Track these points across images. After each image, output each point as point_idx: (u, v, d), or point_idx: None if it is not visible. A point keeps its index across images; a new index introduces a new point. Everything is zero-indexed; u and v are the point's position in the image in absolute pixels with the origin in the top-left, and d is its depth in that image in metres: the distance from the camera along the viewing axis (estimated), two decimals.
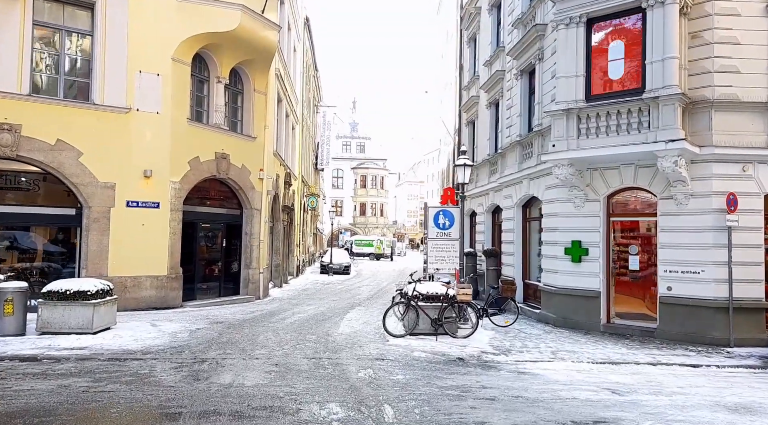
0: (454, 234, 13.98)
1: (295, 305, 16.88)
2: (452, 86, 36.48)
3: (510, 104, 16.53)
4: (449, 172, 37.43)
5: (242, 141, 17.57)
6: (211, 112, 16.69)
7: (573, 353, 9.79)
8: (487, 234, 19.65)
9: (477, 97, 20.86)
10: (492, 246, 18.74)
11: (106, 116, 14.13)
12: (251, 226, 17.95)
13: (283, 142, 23.82)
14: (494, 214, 19.60)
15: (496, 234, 19.29)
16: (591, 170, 12.37)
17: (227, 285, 17.54)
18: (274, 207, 22.51)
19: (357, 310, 15.95)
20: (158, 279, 14.73)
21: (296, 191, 29.52)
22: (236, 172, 17.15)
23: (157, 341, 10.20)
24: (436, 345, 10.17)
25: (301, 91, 30.54)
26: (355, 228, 71.64)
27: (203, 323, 12.46)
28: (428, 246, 14.09)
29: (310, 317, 14.11)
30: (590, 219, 12.42)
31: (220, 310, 14.98)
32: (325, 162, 44.61)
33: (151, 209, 14.73)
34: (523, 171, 15.09)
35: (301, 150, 30.97)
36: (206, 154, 16.05)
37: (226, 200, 17.59)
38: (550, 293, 13.16)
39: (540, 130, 13.96)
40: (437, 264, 13.90)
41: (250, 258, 17.86)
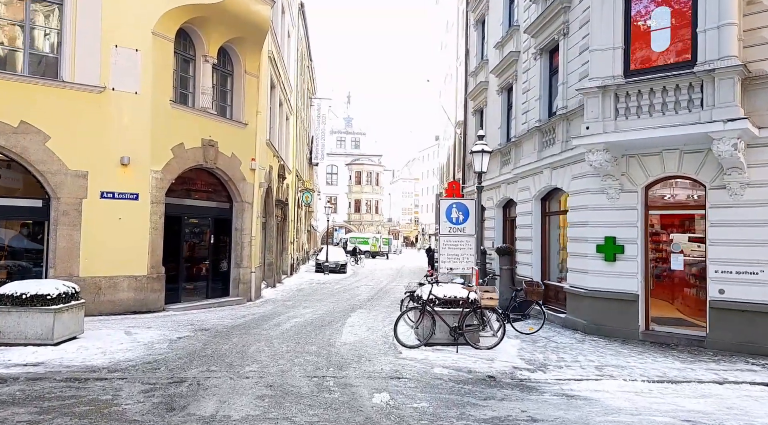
0: (469, 229, 12.50)
1: (291, 308, 15.34)
2: (453, 78, 34.99)
3: (527, 87, 15.05)
4: (450, 167, 35.98)
5: (232, 127, 15.99)
6: (197, 95, 15.09)
7: (620, 368, 8.33)
8: (498, 230, 18.19)
9: (486, 83, 19.37)
10: (504, 243, 17.27)
11: (78, 96, 12.52)
12: (242, 221, 16.37)
13: (276, 132, 22.24)
14: (505, 209, 18.14)
15: (507, 230, 17.83)
16: (627, 157, 10.90)
17: (216, 285, 15.96)
18: (267, 201, 20.94)
19: (359, 314, 14.44)
20: (137, 280, 13.15)
21: (290, 185, 27.94)
22: (225, 162, 15.56)
23: (129, 354, 8.63)
24: (458, 358, 8.67)
25: (295, 79, 28.95)
26: (349, 226, 70.08)
27: (186, 330, 10.89)
28: (439, 244, 12.60)
29: (308, 322, 12.58)
30: (626, 212, 10.96)
31: (207, 314, 13.42)
32: (320, 156, 43.02)
33: (129, 201, 13.14)
34: (543, 160, 13.62)
35: (295, 142, 29.39)
36: (192, 140, 14.46)
37: (214, 192, 16.00)
38: (578, 296, 11.70)
39: (565, 113, 12.48)
40: (450, 263, 12.41)
41: (240, 256, 16.30)
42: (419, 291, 10.13)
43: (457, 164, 32.93)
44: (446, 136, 37.95)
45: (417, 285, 12.45)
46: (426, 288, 9.76)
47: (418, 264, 45.14)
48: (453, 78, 34.93)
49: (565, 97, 12.61)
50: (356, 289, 22.08)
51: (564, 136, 12.57)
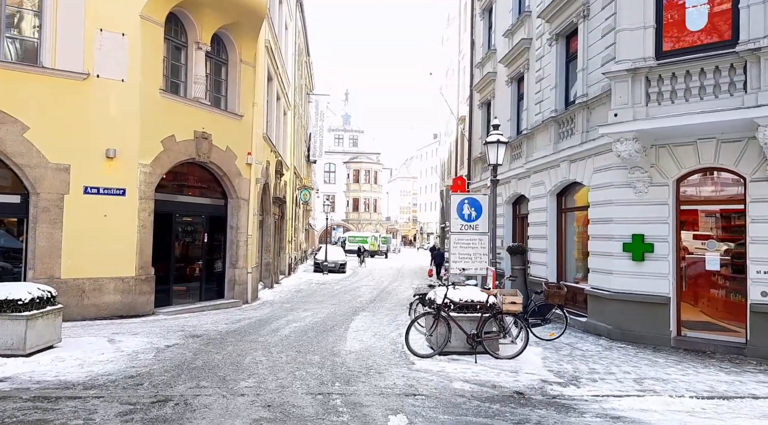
0: (482, 227, 11.61)
1: (290, 310, 14.41)
2: (454, 72, 34.11)
3: (540, 76, 14.14)
4: (451, 164, 35.09)
5: (227, 119, 15.04)
6: (189, 84, 14.14)
7: (662, 381, 7.43)
8: (507, 228, 17.30)
9: (494, 74, 18.46)
10: (513, 241, 16.37)
11: (59, 83, 11.58)
12: (237, 219, 15.43)
13: (274, 127, 21.30)
14: (515, 206, 17.25)
15: (517, 228, 16.94)
16: (657, 147, 10.01)
17: (210, 287, 15.01)
18: (264, 198, 20.00)
19: (362, 317, 13.52)
20: (124, 282, 12.20)
21: (288, 183, 27.00)
22: (219, 155, 14.62)
23: (109, 366, 7.70)
24: (479, 370, 7.76)
25: (293, 74, 27.99)
26: (347, 225, 69.13)
27: (176, 337, 9.95)
28: (450, 242, 11.70)
29: (309, 327, 11.66)
30: (655, 207, 10.06)
31: (200, 318, 12.48)
32: (318, 153, 42.07)
33: (116, 197, 12.19)
34: (560, 152, 12.71)
35: (293, 139, 28.44)
36: (183, 132, 13.51)
37: (208, 188, 15.05)
38: (601, 298, 10.80)
39: (585, 101, 11.58)
40: (462, 263, 11.51)
41: (236, 256, 15.36)
42: (432, 294, 9.22)
43: (459, 160, 32.04)
44: (447, 132, 37.07)
45: (427, 287, 11.55)
46: (440, 291, 8.84)
47: (419, 263, 44.26)
48: (455, 72, 34.03)
49: (586, 83, 11.70)
50: (357, 290, 21.16)
51: (584, 126, 11.66)
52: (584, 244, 12.92)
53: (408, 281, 26.31)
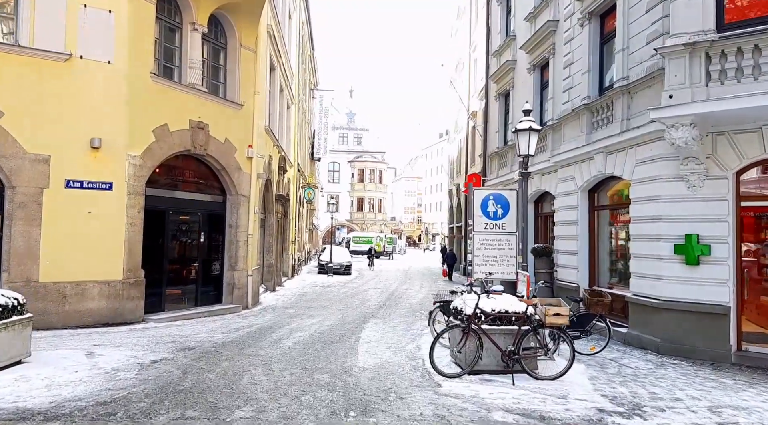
0: (510, 225, 10.39)
1: (293, 317, 13.19)
2: (465, 66, 32.87)
3: (569, 60, 12.89)
4: (461, 161, 33.83)
5: (225, 108, 13.83)
6: (184, 69, 12.93)
7: (743, 411, 6.18)
8: (529, 228, 15.99)
9: (513, 62, 17.22)
10: (535, 242, 15.11)
11: (38, 64, 10.41)
12: (237, 217, 14.22)
13: (276, 120, 20.09)
14: (537, 204, 15.99)
15: (540, 227, 15.68)
16: (714, 134, 8.75)
17: (206, 291, 13.80)
18: (266, 196, 18.80)
19: (373, 325, 12.29)
20: (110, 286, 11.00)
21: (292, 180, 25.81)
22: (217, 148, 13.41)
23: (81, 388, 6.47)
24: (520, 395, 6.51)
25: (296, 66, 26.80)
26: (352, 225, 67.95)
27: (165, 350, 8.74)
28: (473, 243, 10.46)
29: (315, 337, 10.43)
30: (713, 204, 8.81)
31: (195, 326, 11.26)
32: (322, 151, 40.87)
33: (101, 191, 11.00)
34: (594, 144, 11.45)
35: (296, 134, 27.24)
36: (177, 121, 12.31)
37: (204, 183, 13.84)
38: (647, 307, 9.53)
39: (626, 85, 10.32)
40: (487, 266, 10.28)
41: (235, 257, 14.14)
42: (458, 302, 7.98)
43: (470, 157, 30.81)
44: (457, 129, 35.82)
45: (449, 293, 10.31)
46: (469, 300, 7.59)
47: (426, 264, 43.04)
48: (465, 66, 32.79)
49: (626, 65, 10.45)
50: (365, 294, 19.92)
51: (624, 113, 10.40)
52: (619, 245, 11.69)
53: (417, 284, 25.07)
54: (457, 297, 9.60)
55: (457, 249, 35.03)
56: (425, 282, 26.25)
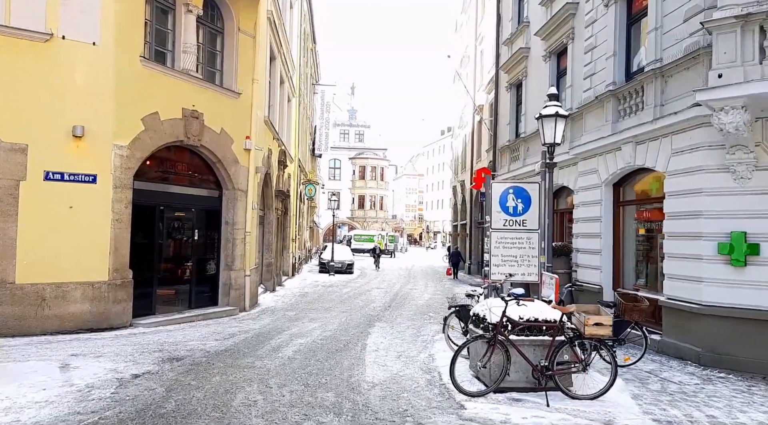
0: (531, 222, 9.45)
1: (294, 321, 12.27)
2: (470, 59, 31.95)
3: (592, 44, 11.95)
4: (466, 157, 32.91)
5: (222, 97, 12.90)
6: (177, 53, 12.01)
7: None
8: None
9: (526, 50, 16.28)
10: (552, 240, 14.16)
11: (16, 44, 9.50)
12: (234, 213, 13.29)
13: (276, 112, 19.16)
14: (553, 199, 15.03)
15: (556, 224, 14.74)
16: (764, 120, 7.83)
17: (201, 292, 12.88)
18: (266, 191, 17.88)
19: (380, 329, 11.38)
20: (94, 288, 10.09)
21: (292, 176, 24.90)
22: (213, 139, 12.49)
23: (45, 412, 5.56)
24: (559, 421, 5.60)
25: (297, 58, 25.86)
26: (353, 223, 67.02)
27: (151, 361, 7.82)
28: (490, 241, 9.53)
29: (317, 344, 9.52)
30: (763, 198, 7.88)
31: (187, 332, 10.35)
32: (324, 147, 39.92)
33: (84, 185, 10.08)
34: (622, 133, 10.52)
35: (297, 129, 26.31)
36: (169, 109, 11.39)
37: (199, 177, 12.92)
38: (685, 313, 8.60)
39: (660, 67, 9.39)
40: (506, 267, 9.34)
41: (232, 256, 13.23)
42: (480, 309, 7.06)
43: (476, 153, 29.89)
44: (462, 124, 34.89)
45: (465, 296, 9.38)
46: (495, 306, 6.66)
47: (429, 263, 42.15)
48: (471, 59, 31.86)
49: (659, 47, 9.51)
50: (368, 294, 19.01)
51: (657, 99, 9.47)
52: (647, 244, 10.77)
53: (422, 283, 24.16)
54: (476, 302, 8.71)
55: (462, 248, 34.15)
56: (430, 281, 25.34)
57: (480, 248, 29.26)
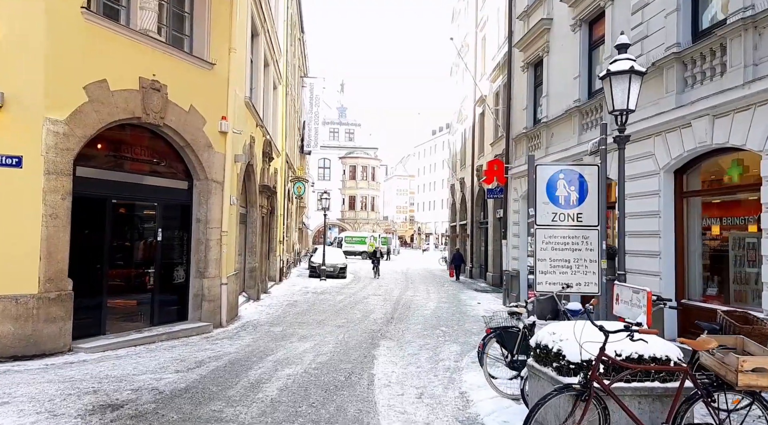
0: (589, 216, 7.30)
1: (280, 339, 10.01)
2: (470, 48, 29.82)
3: (644, 1, 9.80)
4: (466, 153, 30.79)
5: (191, 67, 10.61)
6: (133, 10, 9.71)
7: None
8: None
9: (548, 22, 14.14)
10: None
11: None
12: (207, 209, 11.01)
13: (260, 96, 16.89)
14: None
15: None
16: None
17: (166, 305, 10.57)
18: (248, 186, 15.61)
19: (387, 351, 9.17)
20: (19, 303, 7.76)
21: (279, 171, 22.61)
22: (180, 118, 10.20)
23: None
24: None
25: (284, 43, 23.57)
26: (343, 224, 64.68)
27: (74, 412, 5.53)
28: (534, 242, 7.34)
29: (310, 376, 7.27)
30: None
31: (141, 359, 8.04)
32: (313, 143, 37.64)
33: (5, 169, 7.76)
34: (693, 105, 8.36)
35: (284, 121, 24.00)
36: (122, 78, 9.09)
37: (163, 164, 10.63)
38: None
39: (752, 16, 7.26)
40: (556, 275, 7.17)
41: (205, 261, 10.93)
42: (546, 337, 4.83)
43: (477, 147, 27.78)
44: (461, 119, 32.77)
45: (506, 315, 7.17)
46: (590, 340, 4.41)
47: (425, 266, 40.03)
48: (470, 48, 29.74)
49: None
50: (366, 302, 16.76)
51: (748, 57, 7.34)
52: (719, 244, 8.65)
53: (423, 289, 21.95)
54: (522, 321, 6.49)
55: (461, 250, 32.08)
56: (431, 286, 23.14)
57: (483, 250, 27.18)
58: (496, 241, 24.03)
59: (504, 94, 22.42)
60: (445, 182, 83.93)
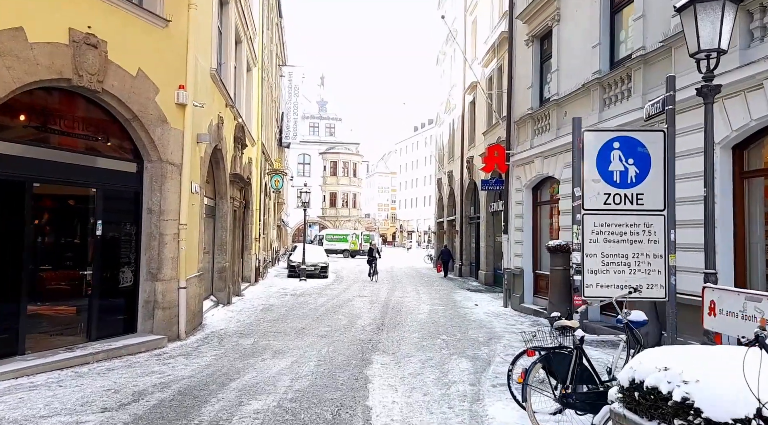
0: (652, 198, 5.57)
1: (250, 356, 8.13)
2: (460, 33, 28.12)
3: None
4: (455, 144, 29.12)
5: (139, 22, 8.64)
6: None
7: None
8: None
9: None
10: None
11: None
12: (161, 197, 9.06)
13: (231, 74, 14.94)
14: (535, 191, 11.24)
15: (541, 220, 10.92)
16: None
17: (108, 315, 8.58)
18: (217, 174, 13.70)
19: (381, 370, 7.37)
20: None
21: (255, 162, 20.63)
22: (124, 83, 8.24)
23: None
24: None
25: (259, 22, 21.57)
26: (324, 222, 62.65)
27: None
28: (581, 232, 5.58)
29: (285, 414, 5.44)
30: None
31: (59, 393, 6.10)
32: (292, 135, 35.58)
33: None
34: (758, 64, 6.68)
35: (261, 108, 21.97)
36: (47, 27, 7.12)
37: (104, 141, 8.66)
38: None
39: None
40: (609, 273, 5.45)
41: (158, 260, 8.98)
42: (668, 378, 3.06)
43: (467, 138, 26.12)
44: (449, 109, 31.06)
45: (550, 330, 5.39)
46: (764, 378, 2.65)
47: (410, 264, 38.32)
48: (460, 32, 28.01)
49: None
50: (351, 305, 14.92)
51: None
52: None
53: (411, 289, 20.18)
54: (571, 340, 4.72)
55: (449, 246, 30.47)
56: (420, 286, 21.38)
57: (474, 247, 25.52)
58: (489, 237, 22.38)
59: (498, 78, 20.81)
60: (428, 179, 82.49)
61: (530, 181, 13.75)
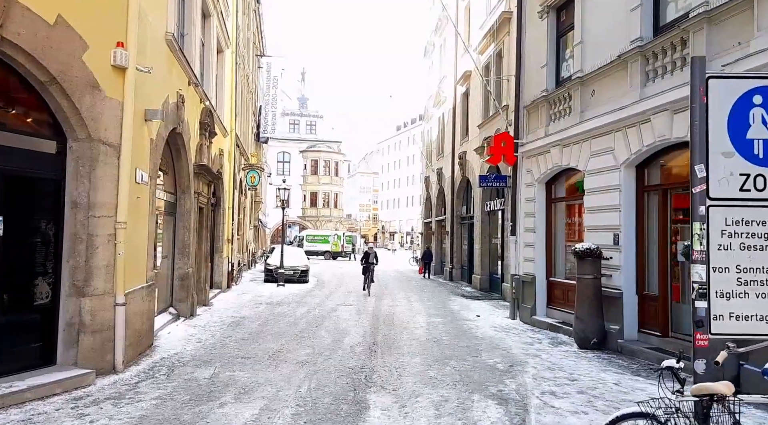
0: None
1: (205, 400, 6.05)
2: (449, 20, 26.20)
3: None
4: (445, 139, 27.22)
5: None
6: None
7: None
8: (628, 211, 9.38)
9: None
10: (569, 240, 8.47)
11: None
12: (91, 187, 6.91)
13: (196, 50, 12.81)
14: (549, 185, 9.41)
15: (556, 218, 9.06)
16: None
17: (17, 342, 6.42)
18: (177, 165, 11.59)
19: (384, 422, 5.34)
20: None
21: (227, 156, 18.45)
22: (37, 32, 6.10)
23: None
24: None
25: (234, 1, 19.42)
26: (304, 222, 60.38)
27: None
28: (707, 232, 3.62)
29: None
30: None
31: None
32: (270, 129, 33.33)
33: None
34: None
35: (234, 95, 19.76)
36: None
37: (11, 112, 6.50)
38: None
39: None
40: (752, 300, 3.45)
41: (86, 269, 6.83)
42: None
43: (460, 131, 24.25)
44: (438, 102, 29.15)
45: (650, 402, 3.40)
46: None
47: (395, 267, 36.34)
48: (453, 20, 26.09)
49: None
50: (335, 317, 12.86)
51: None
52: None
53: (402, 296, 18.21)
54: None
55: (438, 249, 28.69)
56: (411, 292, 19.40)
57: (467, 249, 23.64)
58: (484, 238, 20.54)
59: (497, 64, 18.97)
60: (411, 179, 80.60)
61: (545, 174, 11.86)
